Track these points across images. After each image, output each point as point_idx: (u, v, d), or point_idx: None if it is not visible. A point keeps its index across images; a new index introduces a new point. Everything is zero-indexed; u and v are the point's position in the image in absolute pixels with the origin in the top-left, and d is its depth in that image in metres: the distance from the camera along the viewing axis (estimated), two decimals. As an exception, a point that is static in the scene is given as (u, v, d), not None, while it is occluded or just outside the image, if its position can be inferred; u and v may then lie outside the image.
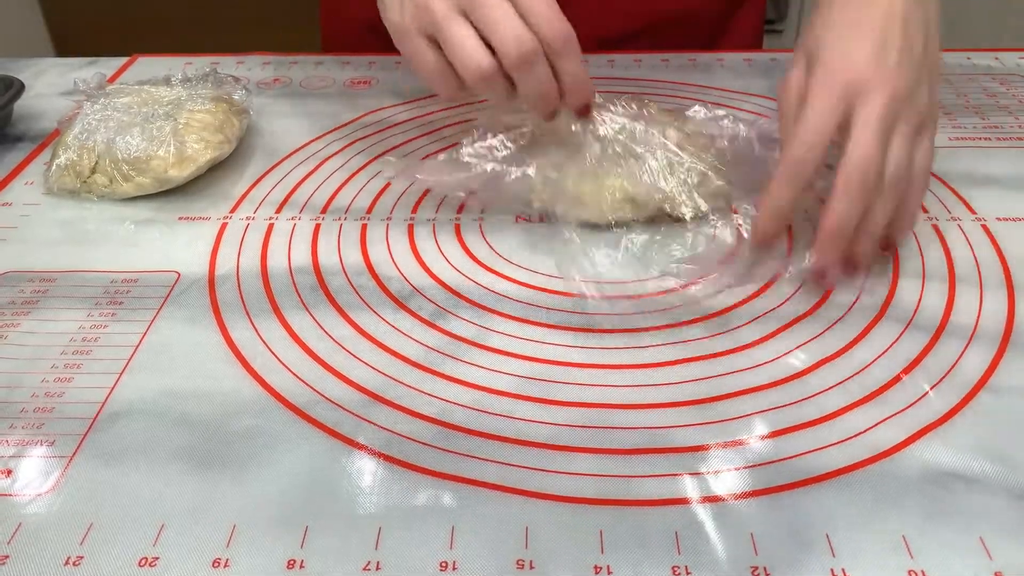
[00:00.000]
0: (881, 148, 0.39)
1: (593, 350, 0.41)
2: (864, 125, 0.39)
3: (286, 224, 0.50)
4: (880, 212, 0.40)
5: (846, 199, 0.39)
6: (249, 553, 0.31)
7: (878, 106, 0.39)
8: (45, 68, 0.70)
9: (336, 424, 0.37)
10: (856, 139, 0.39)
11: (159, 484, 0.34)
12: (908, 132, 0.40)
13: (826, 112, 0.40)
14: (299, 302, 0.44)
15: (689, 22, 0.73)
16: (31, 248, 0.48)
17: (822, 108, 0.40)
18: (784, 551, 0.31)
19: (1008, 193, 0.52)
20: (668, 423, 0.37)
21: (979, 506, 0.33)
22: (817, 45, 0.42)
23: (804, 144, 0.40)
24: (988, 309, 0.43)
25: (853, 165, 0.39)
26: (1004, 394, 0.38)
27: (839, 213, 0.39)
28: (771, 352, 0.40)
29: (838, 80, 0.40)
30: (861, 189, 0.39)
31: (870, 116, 0.39)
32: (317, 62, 0.71)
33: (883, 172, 0.40)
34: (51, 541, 0.32)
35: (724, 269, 0.45)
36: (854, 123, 0.40)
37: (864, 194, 0.39)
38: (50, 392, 0.39)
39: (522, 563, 0.31)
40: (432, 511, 0.33)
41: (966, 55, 0.69)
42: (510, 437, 0.36)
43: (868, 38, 0.41)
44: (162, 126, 0.52)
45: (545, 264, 0.47)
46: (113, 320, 0.43)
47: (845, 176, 0.39)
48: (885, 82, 0.40)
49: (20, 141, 0.60)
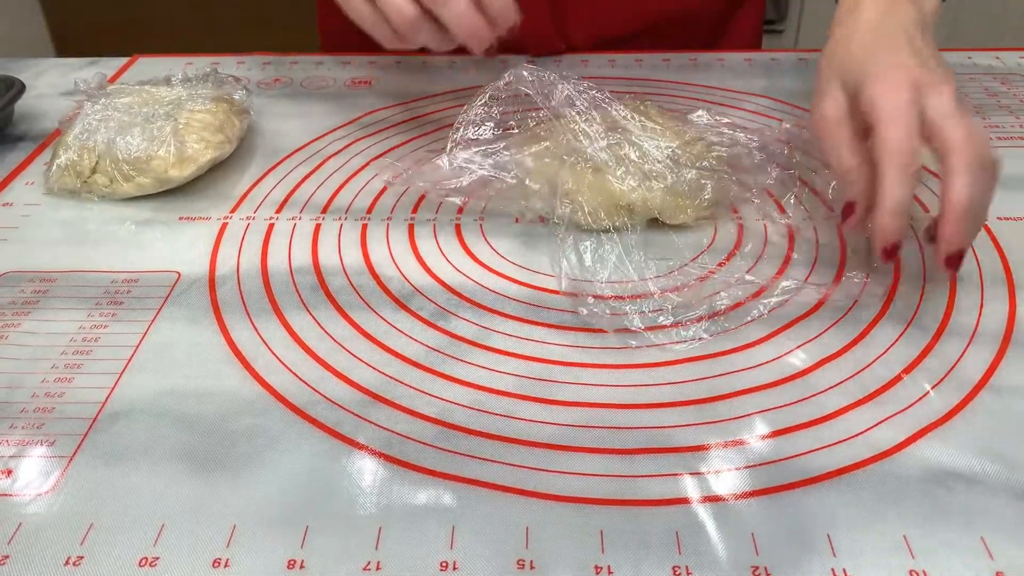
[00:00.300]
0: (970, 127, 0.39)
1: (593, 350, 0.41)
2: (947, 115, 0.39)
3: (286, 224, 0.50)
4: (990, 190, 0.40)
5: (969, 176, 0.38)
6: (249, 553, 0.31)
7: (949, 97, 0.40)
8: (46, 68, 0.70)
9: (336, 424, 0.37)
10: (948, 126, 0.39)
11: (159, 484, 0.34)
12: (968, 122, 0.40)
13: (907, 108, 0.40)
14: (299, 302, 0.44)
15: (689, 22, 0.73)
16: (31, 248, 0.48)
17: (902, 105, 0.40)
18: (785, 551, 0.31)
19: (1009, 193, 0.52)
20: (669, 423, 0.37)
21: (980, 506, 0.33)
22: (854, 69, 0.43)
23: (901, 136, 0.39)
24: (989, 309, 0.43)
25: (960, 146, 0.38)
26: (1005, 394, 0.38)
27: (965, 190, 0.38)
28: (772, 352, 0.40)
29: (903, 82, 0.40)
30: (980, 165, 0.38)
31: (947, 106, 0.39)
32: (317, 62, 0.71)
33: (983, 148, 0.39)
34: (51, 541, 0.32)
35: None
36: (933, 116, 0.39)
37: (983, 172, 0.39)
38: (50, 392, 0.39)
39: (523, 563, 0.31)
40: (432, 511, 0.33)
41: (967, 55, 0.69)
42: (510, 437, 0.36)
43: (902, 49, 0.42)
44: (162, 126, 0.52)
45: (545, 264, 0.47)
46: (113, 320, 0.43)
47: (957, 156, 0.38)
48: (942, 79, 0.41)
49: (21, 141, 0.60)
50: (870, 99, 0.41)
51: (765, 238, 0.48)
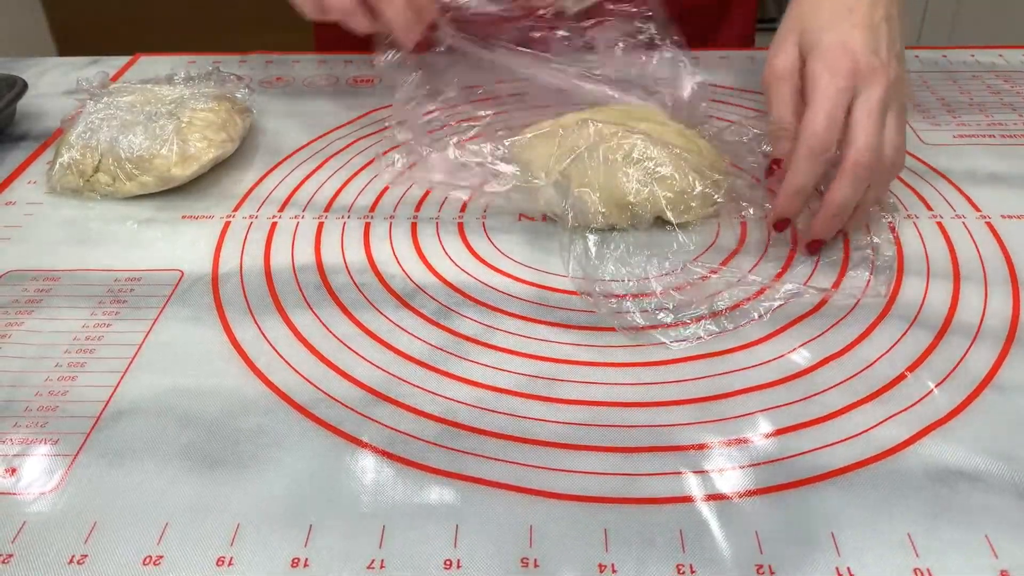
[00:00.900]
0: (878, 140, 0.42)
1: (597, 348, 0.41)
2: (868, 113, 0.42)
3: (289, 223, 0.50)
4: (878, 190, 0.44)
5: (853, 179, 0.42)
6: (253, 552, 0.31)
7: (878, 95, 0.42)
8: (48, 67, 0.70)
9: (340, 422, 0.37)
10: (862, 125, 0.42)
11: (163, 483, 0.34)
12: (897, 117, 0.44)
13: (838, 96, 0.42)
14: (302, 300, 0.44)
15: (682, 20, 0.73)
16: (34, 247, 0.48)
17: (834, 92, 0.42)
18: (789, 549, 0.31)
19: (1013, 190, 0.52)
20: (673, 421, 0.37)
21: (984, 504, 0.33)
22: (813, 29, 0.45)
23: (822, 123, 0.42)
24: (993, 307, 0.42)
25: (860, 149, 0.42)
26: (1009, 392, 0.38)
27: (844, 192, 0.42)
28: (775, 350, 0.40)
29: (844, 67, 0.43)
30: (868, 170, 0.42)
31: (872, 104, 0.42)
32: (319, 61, 0.71)
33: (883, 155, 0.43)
34: (55, 540, 0.32)
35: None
36: (857, 108, 0.42)
37: (869, 175, 0.42)
38: (54, 391, 0.39)
39: (526, 561, 0.31)
40: (436, 509, 0.33)
41: (970, 52, 0.69)
42: (514, 435, 0.36)
43: (862, 27, 0.44)
44: (165, 125, 0.52)
45: (548, 262, 0.47)
46: (117, 319, 0.43)
47: (855, 158, 0.42)
48: (882, 73, 0.43)
49: (23, 140, 0.60)
50: (811, 73, 0.44)
51: (768, 237, 0.48)
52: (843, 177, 0.42)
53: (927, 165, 0.54)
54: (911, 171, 0.54)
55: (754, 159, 0.52)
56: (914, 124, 0.59)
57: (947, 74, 0.66)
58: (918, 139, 0.57)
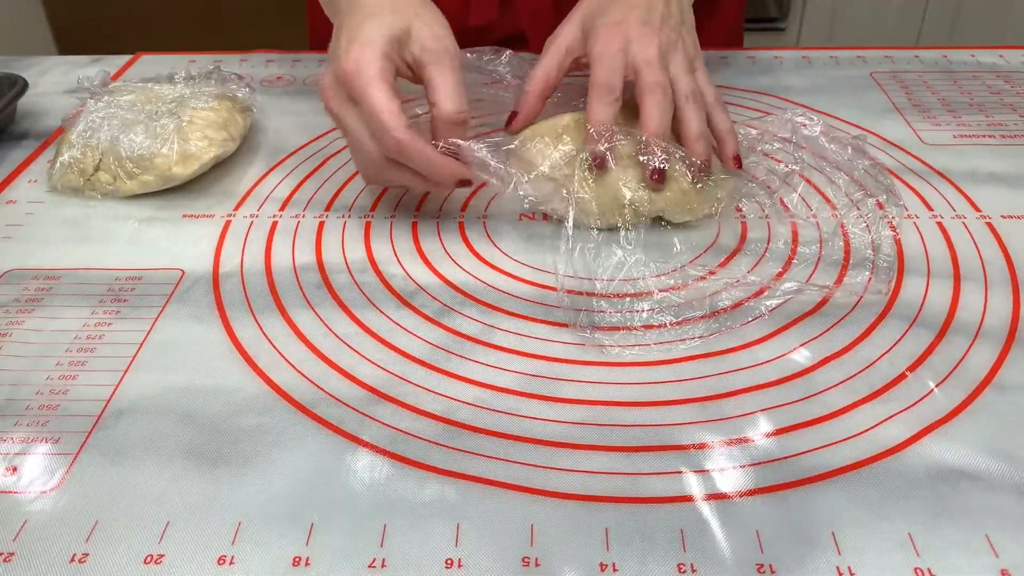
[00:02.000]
0: (664, 74, 0.48)
1: (597, 348, 0.41)
2: (646, 62, 0.48)
3: (290, 222, 0.50)
4: (695, 119, 0.48)
5: (655, 107, 0.47)
6: (255, 550, 0.31)
7: (652, 49, 0.48)
8: (49, 66, 0.70)
9: (341, 421, 0.37)
10: (643, 70, 0.47)
11: (164, 482, 0.34)
12: (682, 66, 0.49)
13: (614, 56, 0.48)
14: (303, 299, 0.44)
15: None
16: (35, 246, 0.49)
17: (610, 53, 0.48)
18: (790, 549, 0.31)
19: (1013, 191, 0.52)
20: (673, 421, 0.37)
21: (985, 504, 0.33)
22: (595, 15, 0.50)
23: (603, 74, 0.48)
24: (993, 306, 0.43)
25: (649, 85, 0.47)
26: (1010, 391, 0.38)
27: (652, 118, 0.47)
28: (776, 350, 0.40)
29: (617, 35, 0.49)
30: (664, 98, 0.47)
31: (648, 55, 0.48)
32: (320, 60, 0.71)
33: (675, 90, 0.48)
34: (57, 538, 0.32)
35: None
36: (638, 64, 0.48)
37: (667, 102, 0.47)
38: (55, 390, 0.39)
39: (528, 560, 0.31)
40: (437, 508, 0.33)
41: (970, 52, 0.69)
42: (515, 435, 0.36)
43: (637, 7, 0.50)
44: (166, 124, 0.52)
45: (549, 262, 0.47)
46: (117, 318, 0.43)
47: (648, 93, 0.47)
48: (652, 35, 0.49)
49: (24, 139, 0.60)
50: (590, 48, 0.49)
51: (768, 237, 0.48)
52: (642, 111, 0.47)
53: (927, 165, 0.54)
54: (911, 171, 0.54)
55: (755, 158, 0.52)
56: (915, 124, 0.59)
57: (947, 74, 0.66)
58: (918, 139, 0.57)
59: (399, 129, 0.43)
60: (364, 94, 0.43)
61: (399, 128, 0.43)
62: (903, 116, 0.60)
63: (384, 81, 0.44)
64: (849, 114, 0.60)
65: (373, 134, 0.44)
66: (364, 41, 0.44)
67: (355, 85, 0.44)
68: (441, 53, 0.46)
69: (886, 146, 0.57)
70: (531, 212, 0.51)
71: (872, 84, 0.65)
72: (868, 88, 0.64)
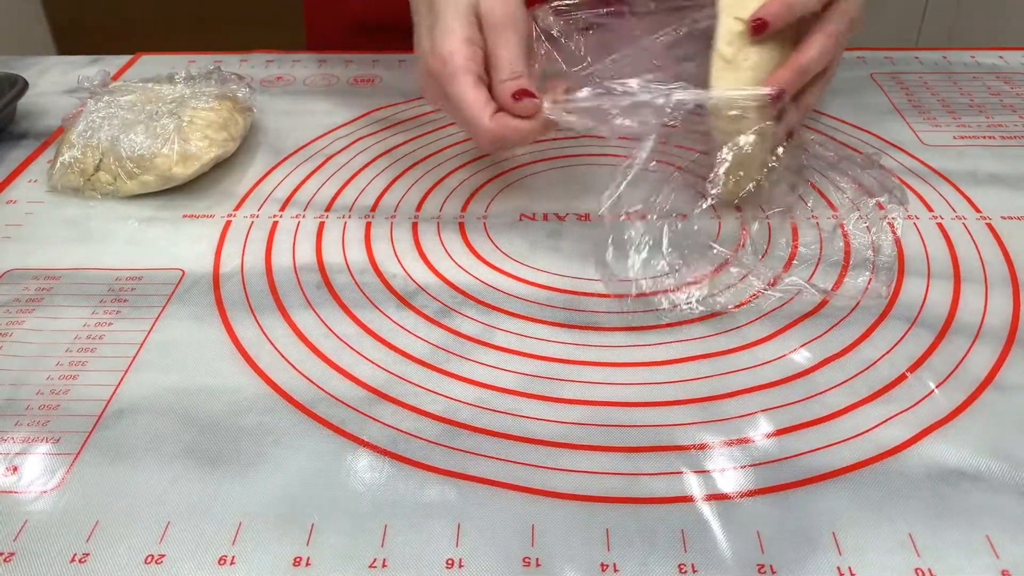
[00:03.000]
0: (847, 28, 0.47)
1: (598, 348, 0.41)
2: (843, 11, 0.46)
3: (290, 222, 0.50)
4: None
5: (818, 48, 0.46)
6: (255, 551, 0.31)
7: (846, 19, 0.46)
8: (49, 66, 0.70)
9: (341, 422, 0.37)
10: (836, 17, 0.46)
11: (164, 482, 0.34)
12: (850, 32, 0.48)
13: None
14: (304, 300, 0.44)
15: None
16: (35, 246, 0.48)
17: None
18: (791, 549, 0.31)
19: (1013, 191, 0.52)
20: (674, 421, 0.37)
21: (986, 504, 0.33)
22: None
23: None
24: (993, 307, 0.43)
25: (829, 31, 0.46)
26: (1010, 392, 0.38)
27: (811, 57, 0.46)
28: (776, 350, 0.40)
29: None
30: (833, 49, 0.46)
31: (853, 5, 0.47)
32: (320, 60, 0.71)
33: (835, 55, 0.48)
34: (57, 538, 0.32)
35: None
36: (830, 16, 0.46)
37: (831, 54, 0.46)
38: (55, 390, 0.39)
39: (528, 561, 0.31)
40: (438, 508, 0.33)
41: (970, 53, 0.69)
42: (516, 435, 0.36)
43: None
44: (166, 124, 0.52)
45: (549, 262, 0.47)
46: (118, 318, 0.43)
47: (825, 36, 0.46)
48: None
49: (24, 139, 0.60)
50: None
51: (769, 237, 0.48)
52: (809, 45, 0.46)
53: (928, 166, 0.54)
54: (912, 172, 0.54)
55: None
56: (915, 125, 0.59)
57: (947, 75, 0.66)
58: (918, 140, 0.57)
59: (484, 119, 0.44)
60: (449, 90, 0.44)
61: (484, 119, 0.44)
62: (903, 117, 0.60)
63: (467, 73, 0.44)
64: (849, 115, 0.60)
65: (465, 127, 0.46)
66: (443, 29, 0.44)
67: (441, 79, 0.44)
68: (500, 26, 0.45)
69: (886, 147, 0.57)
70: (531, 212, 0.51)
71: (872, 85, 0.65)
72: (868, 89, 0.64)
